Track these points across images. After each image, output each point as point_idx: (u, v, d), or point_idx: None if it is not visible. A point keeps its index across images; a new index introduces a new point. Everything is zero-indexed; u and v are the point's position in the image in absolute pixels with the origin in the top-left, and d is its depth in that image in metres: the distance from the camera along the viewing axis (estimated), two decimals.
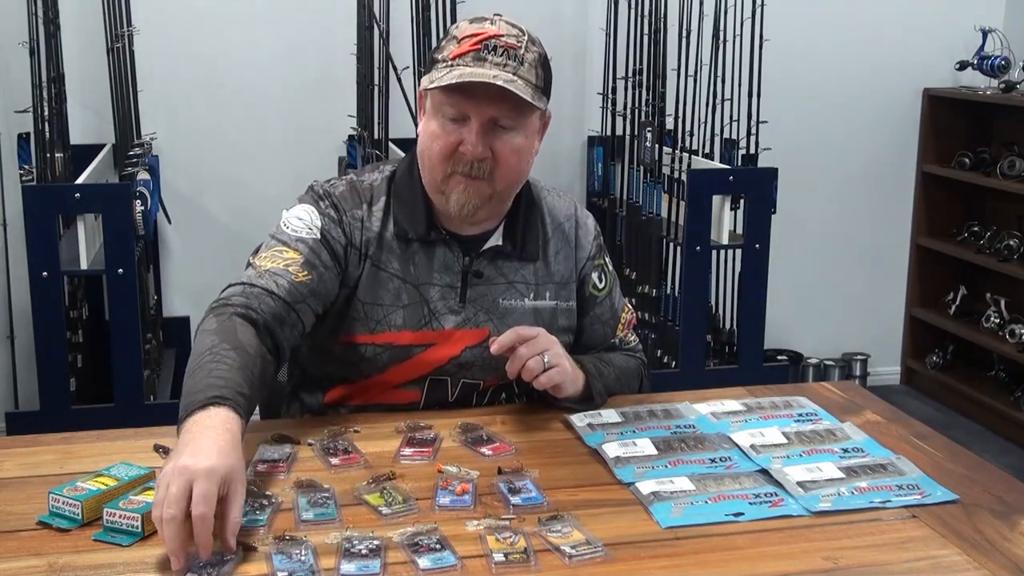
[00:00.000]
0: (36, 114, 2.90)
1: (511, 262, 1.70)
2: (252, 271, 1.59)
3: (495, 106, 1.55)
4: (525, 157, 1.62)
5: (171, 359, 3.52)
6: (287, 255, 1.60)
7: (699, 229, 3.09)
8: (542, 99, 1.61)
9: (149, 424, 1.62)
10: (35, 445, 1.54)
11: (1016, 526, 1.30)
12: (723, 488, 1.37)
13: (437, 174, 1.60)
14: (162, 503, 1.17)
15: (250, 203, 3.61)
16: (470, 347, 1.66)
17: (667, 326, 3.39)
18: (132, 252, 2.71)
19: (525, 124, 1.60)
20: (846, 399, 1.74)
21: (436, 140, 1.58)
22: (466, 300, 1.66)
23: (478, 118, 1.55)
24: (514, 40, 1.57)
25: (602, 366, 1.72)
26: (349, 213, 1.66)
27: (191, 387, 1.39)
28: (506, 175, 1.59)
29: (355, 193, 1.68)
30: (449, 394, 1.69)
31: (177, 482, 1.18)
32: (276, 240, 1.63)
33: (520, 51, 1.56)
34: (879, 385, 4.30)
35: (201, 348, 1.46)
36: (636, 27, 3.56)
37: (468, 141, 1.56)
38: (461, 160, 1.57)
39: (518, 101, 1.55)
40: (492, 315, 1.67)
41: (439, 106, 1.58)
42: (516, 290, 1.69)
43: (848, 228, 4.27)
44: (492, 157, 1.57)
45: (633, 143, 3.56)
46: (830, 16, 4.06)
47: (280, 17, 3.64)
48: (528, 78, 1.56)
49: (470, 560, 1.19)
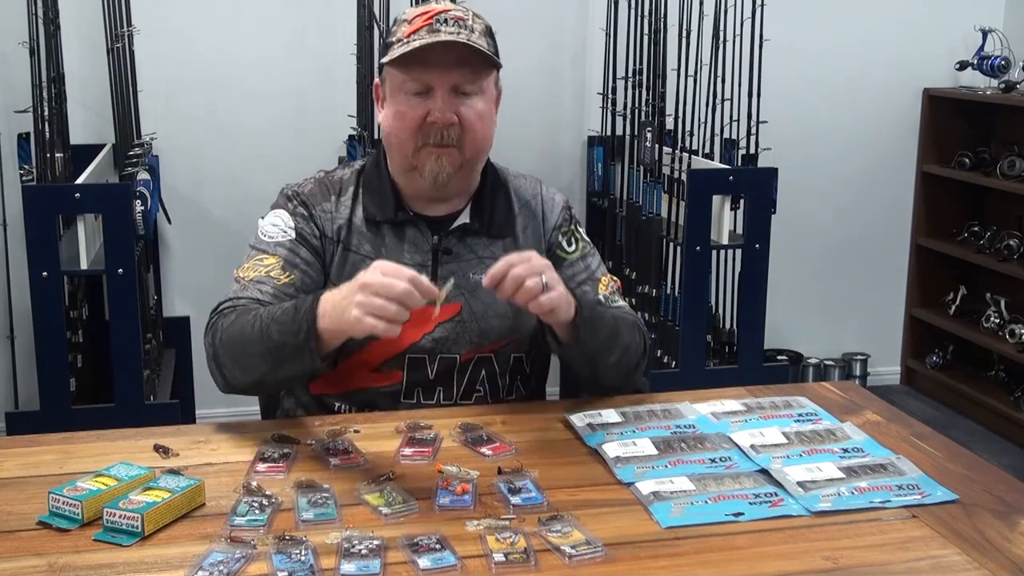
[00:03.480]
0: (36, 114, 2.90)
1: (480, 239, 1.74)
2: (237, 285, 1.68)
3: (455, 72, 1.63)
4: (489, 123, 1.70)
5: (171, 359, 3.51)
6: (267, 261, 1.68)
7: (699, 229, 3.08)
8: (497, 61, 1.69)
9: (149, 424, 1.62)
10: (35, 445, 1.54)
11: (1016, 526, 1.30)
12: (723, 488, 1.37)
13: (408, 149, 1.67)
14: (367, 291, 1.37)
15: (250, 203, 3.56)
16: (443, 323, 1.70)
17: (667, 326, 3.39)
18: (132, 252, 2.70)
19: (484, 90, 1.68)
20: (846, 399, 1.74)
21: (402, 117, 1.66)
22: (437, 277, 1.70)
23: (442, 86, 1.63)
24: (461, 13, 1.67)
25: (596, 306, 1.71)
26: (318, 207, 1.74)
27: (285, 321, 1.52)
28: (474, 141, 1.67)
29: (324, 188, 1.77)
30: (429, 372, 1.71)
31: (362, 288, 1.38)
32: (255, 250, 1.72)
33: (469, 22, 1.66)
34: (879, 385, 4.30)
35: (247, 322, 1.56)
36: (636, 27, 3.56)
37: (435, 108, 1.63)
38: (430, 131, 1.64)
39: (476, 66, 1.64)
40: (463, 290, 1.71)
41: (400, 85, 1.66)
42: (486, 265, 1.70)
43: (848, 228, 4.27)
44: (459, 124, 1.64)
45: (633, 143, 3.56)
46: (830, 16, 4.06)
47: (280, 17, 3.64)
48: (481, 44, 1.64)
49: (470, 560, 1.19)
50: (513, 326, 1.73)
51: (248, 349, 1.56)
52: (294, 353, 1.51)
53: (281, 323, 1.53)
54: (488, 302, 1.71)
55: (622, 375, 1.72)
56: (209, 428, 1.60)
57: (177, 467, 1.41)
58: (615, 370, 1.69)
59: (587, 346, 1.62)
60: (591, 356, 1.65)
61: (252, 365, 1.57)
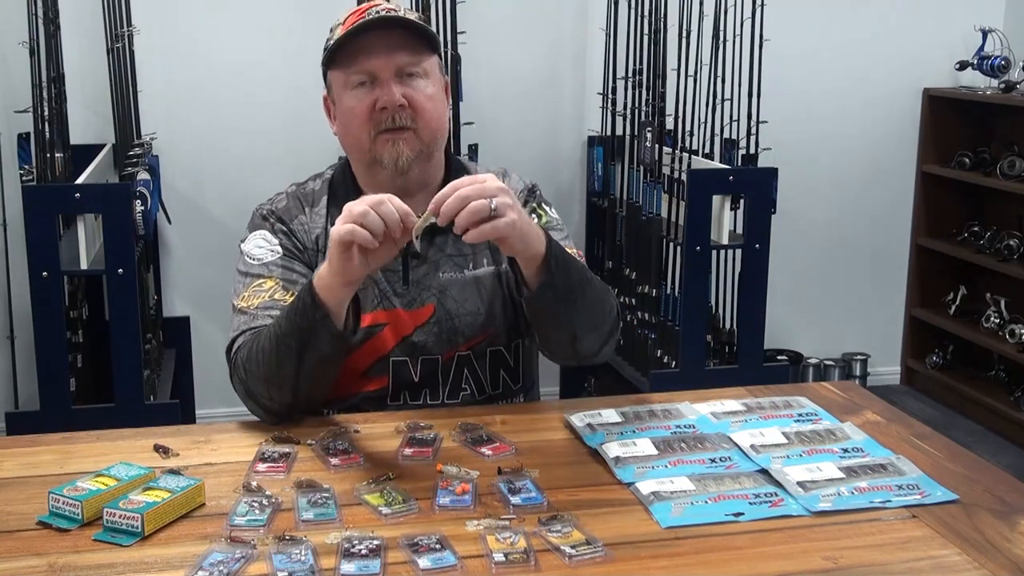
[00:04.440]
0: (36, 114, 2.90)
1: (447, 236, 1.73)
2: (244, 316, 1.66)
3: (396, 55, 1.65)
4: (440, 106, 1.70)
5: (171, 359, 3.52)
6: (266, 285, 1.68)
7: (699, 229, 3.08)
8: (434, 41, 1.71)
9: (149, 424, 1.62)
10: (35, 445, 1.54)
11: (1016, 526, 1.30)
12: (723, 488, 1.37)
13: (364, 142, 1.67)
14: (348, 221, 1.40)
15: (250, 203, 3.51)
16: (419, 326, 1.71)
17: (667, 326, 3.39)
18: (132, 252, 2.70)
19: (429, 72, 1.68)
20: (846, 399, 1.74)
21: (352, 111, 1.67)
22: (409, 282, 1.71)
23: (384, 69, 1.64)
24: (394, 6, 1.70)
25: (567, 254, 1.61)
26: (295, 221, 1.76)
27: (290, 312, 1.55)
28: (427, 122, 1.66)
29: (297, 201, 1.78)
30: (413, 374, 1.71)
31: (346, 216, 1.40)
32: (249, 276, 1.70)
33: (400, 12, 1.68)
34: (879, 385, 4.30)
35: (260, 340, 1.58)
36: (636, 27, 3.56)
37: (383, 93, 1.64)
38: (381, 117, 1.65)
39: (416, 47, 1.66)
40: (434, 291, 1.71)
41: (345, 82, 1.68)
42: (454, 263, 1.74)
43: (848, 228, 4.27)
44: (410, 107, 1.64)
45: (633, 143, 3.56)
46: (830, 16, 4.06)
47: (280, 17, 3.64)
48: (414, 19, 1.68)
49: (470, 560, 1.19)
50: (486, 322, 1.73)
51: (271, 361, 1.55)
52: (311, 332, 1.50)
53: (287, 316, 1.53)
54: (460, 300, 1.72)
55: (599, 335, 1.65)
56: (209, 428, 1.60)
57: (177, 467, 1.41)
58: (590, 326, 1.62)
59: (559, 289, 1.54)
60: (566, 303, 1.56)
61: (282, 373, 1.55)
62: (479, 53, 3.62)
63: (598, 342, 1.67)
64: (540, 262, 1.51)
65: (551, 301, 1.56)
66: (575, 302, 1.58)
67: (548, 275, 1.52)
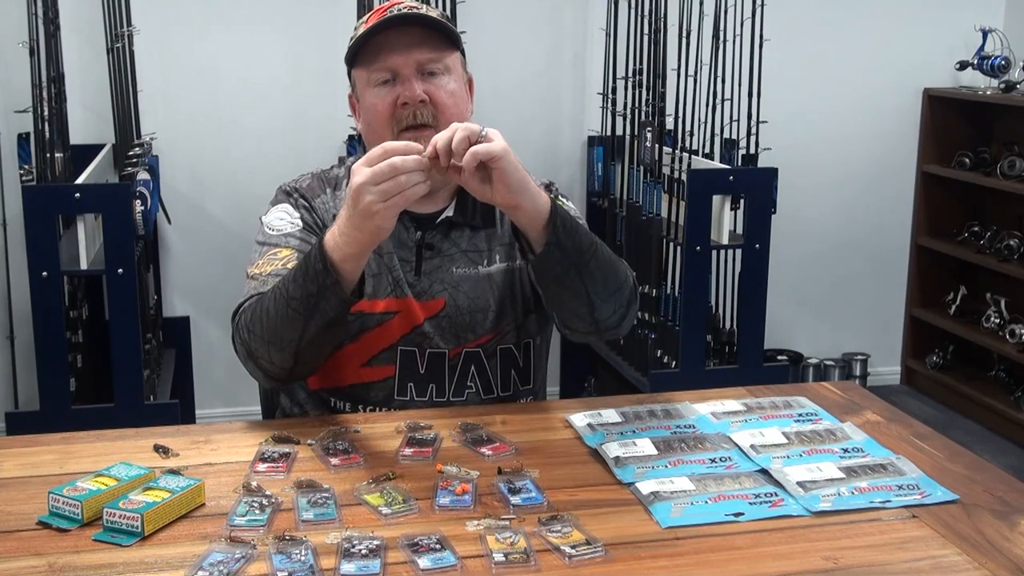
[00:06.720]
0: (36, 114, 2.90)
1: (463, 232, 1.74)
2: (255, 282, 1.65)
3: (417, 51, 1.65)
4: (462, 103, 1.70)
5: (171, 359, 3.51)
6: (281, 254, 1.67)
7: (699, 229, 3.08)
8: (458, 40, 1.71)
9: (149, 424, 1.62)
10: (35, 445, 1.54)
11: (1016, 526, 1.30)
12: (723, 488, 1.37)
13: (386, 138, 1.64)
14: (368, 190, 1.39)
15: (250, 203, 3.57)
16: (429, 318, 1.71)
17: (667, 326, 3.39)
18: (132, 252, 2.70)
19: (451, 69, 1.69)
20: (846, 399, 1.74)
21: (375, 109, 1.67)
22: (421, 273, 1.71)
23: (406, 66, 1.65)
24: (417, 3, 1.71)
25: (574, 219, 1.59)
26: (318, 200, 1.77)
27: (298, 274, 1.52)
28: (449, 118, 1.65)
29: (320, 182, 1.80)
30: (419, 366, 1.71)
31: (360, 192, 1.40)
32: (266, 245, 1.70)
33: (422, 9, 1.69)
34: (879, 385, 4.30)
35: (265, 302, 1.56)
36: (636, 27, 3.56)
37: (405, 89, 1.64)
38: (403, 114, 1.65)
39: (437, 44, 1.66)
40: (447, 285, 1.72)
41: (368, 80, 1.68)
42: (468, 259, 1.74)
43: (848, 228, 4.27)
44: (431, 102, 1.65)
45: (633, 143, 3.56)
46: (830, 16, 4.06)
47: (280, 17, 3.64)
48: (436, 16, 1.68)
49: (470, 560, 1.19)
50: (496, 319, 1.73)
51: (275, 322, 1.53)
52: (320, 298, 1.48)
53: (294, 280, 1.51)
54: (471, 296, 1.71)
55: (617, 303, 1.61)
56: (209, 428, 1.60)
57: (177, 467, 1.41)
58: (606, 292, 1.58)
59: (567, 248, 1.51)
60: (576, 266, 1.53)
61: (285, 336, 1.53)
62: (479, 53, 3.60)
63: (618, 311, 1.62)
64: (545, 221, 1.50)
65: (559, 263, 1.53)
66: (587, 264, 1.54)
67: (554, 234, 1.50)
